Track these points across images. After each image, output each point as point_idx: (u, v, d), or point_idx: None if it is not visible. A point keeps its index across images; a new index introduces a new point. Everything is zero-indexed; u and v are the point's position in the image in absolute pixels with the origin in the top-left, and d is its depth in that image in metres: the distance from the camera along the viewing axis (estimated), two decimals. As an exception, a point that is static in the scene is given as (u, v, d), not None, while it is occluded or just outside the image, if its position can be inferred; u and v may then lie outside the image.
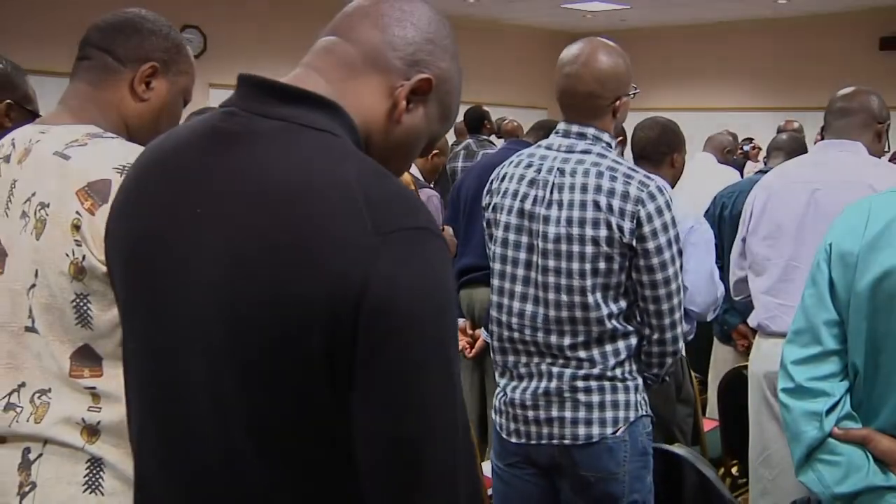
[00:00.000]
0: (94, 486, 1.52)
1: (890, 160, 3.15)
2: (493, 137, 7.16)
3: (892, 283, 1.63)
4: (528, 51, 13.44)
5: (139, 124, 1.65)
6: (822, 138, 3.17)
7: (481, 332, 3.60)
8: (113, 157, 1.53)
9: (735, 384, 3.42)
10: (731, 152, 5.83)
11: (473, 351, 3.61)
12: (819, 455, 1.71)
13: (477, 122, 6.90)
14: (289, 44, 10.53)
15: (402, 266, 0.95)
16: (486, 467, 2.92)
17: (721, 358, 4.19)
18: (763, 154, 6.43)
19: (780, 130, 6.35)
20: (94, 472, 1.52)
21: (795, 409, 1.75)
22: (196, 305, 1.03)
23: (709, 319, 3.23)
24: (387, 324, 0.94)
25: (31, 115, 2.26)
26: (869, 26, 11.09)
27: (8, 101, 2.17)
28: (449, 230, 3.45)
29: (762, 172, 4.21)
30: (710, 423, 3.84)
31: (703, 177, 4.85)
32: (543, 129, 4.07)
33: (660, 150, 3.06)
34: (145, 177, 1.14)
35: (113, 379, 1.54)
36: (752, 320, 3.04)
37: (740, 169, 5.89)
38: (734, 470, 3.54)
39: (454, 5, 11.07)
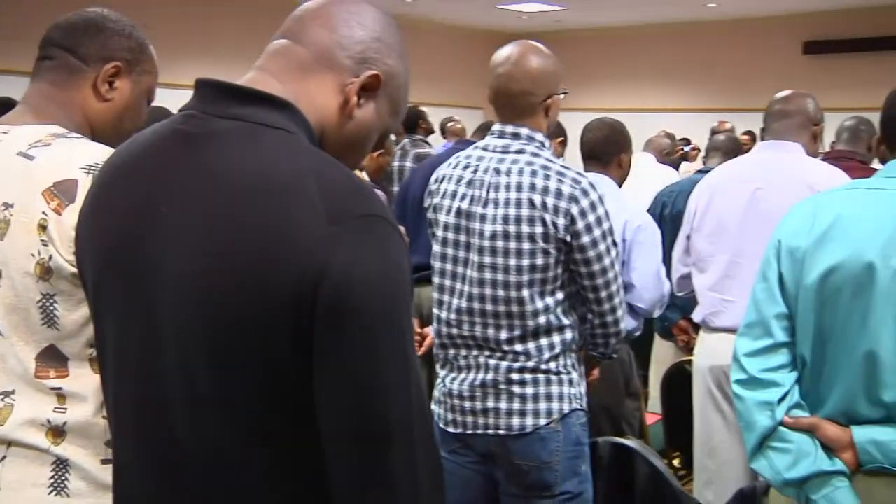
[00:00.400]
0: (59, 488, 1.51)
1: (823, 159, 3.24)
2: (429, 137, 7.22)
3: (837, 277, 1.71)
4: (465, 51, 13.49)
5: (103, 124, 1.64)
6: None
7: (430, 330, 3.62)
8: (79, 157, 1.52)
9: (677, 379, 3.52)
10: (670, 153, 5.96)
11: (422, 349, 3.62)
12: (770, 443, 1.78)
13: (412, 122, 6.95)
14: (229, 42, 10.51)
15: (357, 253, 1.00)
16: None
17: (662, 353, 4.27)
18: (702, 154, 6.60)
19: (713, 131, 6.51)
20: (60, 473, 1.51)
21: (748, 399, 1.81)
22: (167, 299, 1.07)
23: (655, 316, 3.31)
24: (345, 308, 0.99)
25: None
26: (793, 31, 11.42)
27: None
28: (401, 229, 3.46)
29: (701, 172, 4.32)
30: (652, 417, 3.93)
31: (644, 177, 4.94)
32: (489, 129, 4.14)
33: (608, 151, 3.12)
34: (113, 180, 1.18)
35: (79, 379, 1.53)
36: (697, 316, 3.11)
37: (677, 169, 6.02)
38: (676, 462, 3.63)
39: (391, 5, 11.04)
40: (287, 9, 1.25)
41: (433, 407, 2.34)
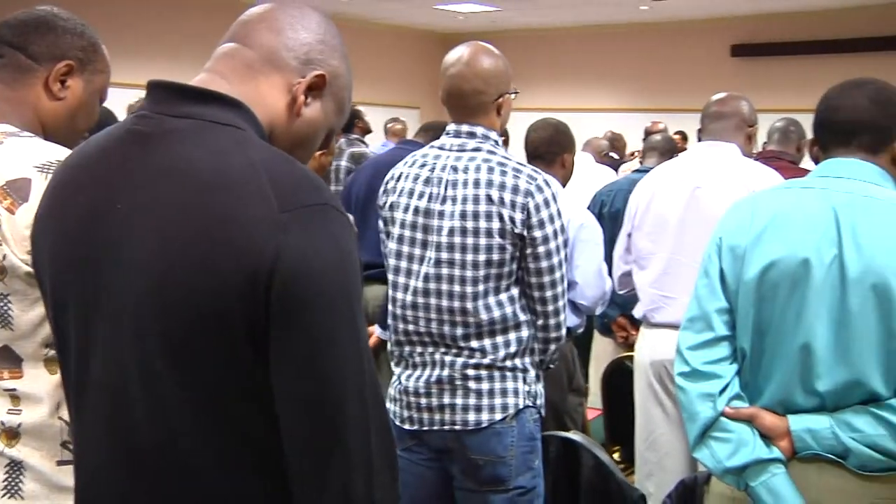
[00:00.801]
0: (12, 491, 1.50)
1: (756, 159, 3.33)
2: (365, 137, 7.22)
3: (775, 273, 1.78)
4: (402, 50, 13.50)
5: (55, 123, 1.63)
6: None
7: (375, 329, 3.63)
8: (33, 156, 1.51)
9: (617, 375, 3.59)
10: (608, 154, 6.06)
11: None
12: (712, 433, 1.84)
13: (349, 122, 6.96)
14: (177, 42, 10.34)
15: (308, 240, 1.04)
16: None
17: (601, 350, 4.34)
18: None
19: (647, 132, 6.63)
20: (14, 475, 1.50)
21: (691, 391, 1.86)
22: (126, 292, 1.10)
23: (598, 313, 3.36)
24: (297, 294, 1.03)
25: None
26: (721, 34, 11.61)
27: None
28: (350, 218, 3.43)
29: (639, 172, 4.39)
30: (592, 412, 4.00)
31: (582, 176, 5.01)
32: (433, 130, 4.14)
33: (552, 151, 3.17)
34: (69, 180, 1.21)
35: (34, 380, 1.52)
36: (637, 312, 3.16)
37: (615, 169, 6.11)
38: (616, 456, 3.69)
39: (327, 4, 10.99)
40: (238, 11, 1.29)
41: (388, 405, 2.35)
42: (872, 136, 1.85)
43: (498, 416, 2.21)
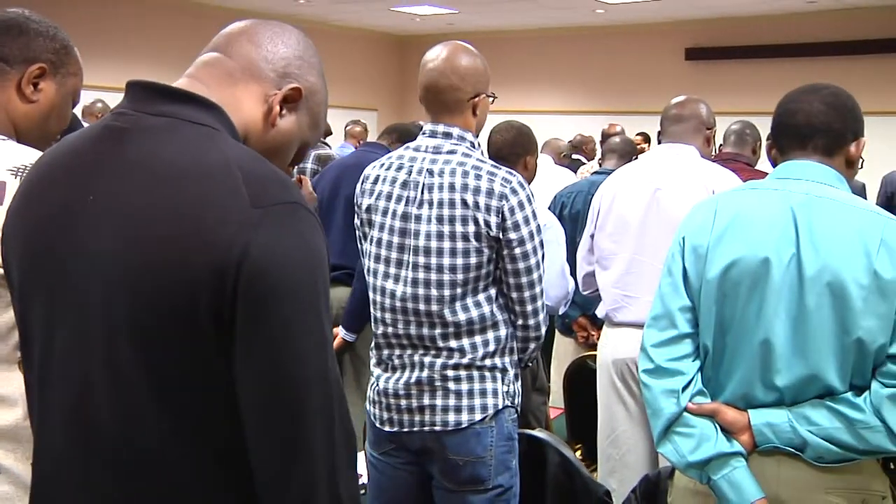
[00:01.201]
0: None
1: (714, 161, 3.39)
2: (328, 139, 7.22)
3: (736, 271, 1.83)
4: (359, 52, 13.47)
5: (28, 126, 1.64)
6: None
7: (339, 331, 3.63)
8: (6, 159, 1.52)
9: (579, 374, 3.60)
10: (567, 156, 6.11)
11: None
12: (675, 428, 1.87)
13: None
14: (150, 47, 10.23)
15: (277, 236, 1.06)
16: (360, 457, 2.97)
17: (562, 350, 4.37)
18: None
19: (604, 134, 6.67)
20: None
21: (655, 387, 1.90)
22: (93, 282, 1.11)
23: (560, 313, 3.39)
24: (264, 287, 1.05)
25: None
26: (676, 38, 11.75)
27: None
28: (317, 218, 3.41)
29: (598, 174, 4.46)
30: (554, 411, 4.04)
31: (543, 178, 5.04)
32: (397, 132, 4.16)
33: (515, 153, 3.18)
34: (42, 177, 1.22)
35: (8, 383, 1.51)
36: (600, 311, 3.19)
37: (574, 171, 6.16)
38: (578, 454, 3.72)
39: (283, 5, 10.96)
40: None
41: (368, 407, 2.35)
42: (828, 139, 1.89)
43: (478, 417, 2.21)
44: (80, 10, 9.32)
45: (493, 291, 2.24)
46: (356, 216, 2.39)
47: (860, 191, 4.13)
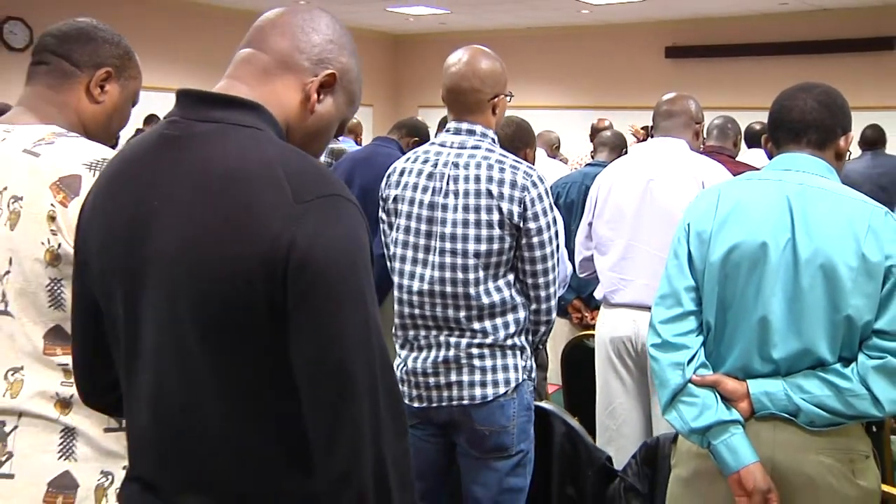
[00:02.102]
0: (67, 454, 1.56)
1: (701, 153, 3.44)
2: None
3: (737, 254, 1.88)
4: (361, 52, 13.37)
5: (94, 124, 1.69)
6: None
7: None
8: (81, 155, 1.57)
9: (576, 352, 3.64)
10: (558, 148, 6.15)
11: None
12: (680, 398, 1.92)
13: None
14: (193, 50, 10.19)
15: (320, 227, 1.09)
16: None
17: (558, 330, 4.36)
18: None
19: (594, 129, 6.65)
20: (68, 440, 1.56)
21: (663, 360, 1.94)
22: (164, 278, 1.16)
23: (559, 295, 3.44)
24: (311, 274, 1.08)
25: None
26: (656, 37, 11.67)
27: None
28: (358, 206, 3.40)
29: (591, 165, 4.49)
30: (552, 387, 4.09)
31: (538, 169, 5.07)
32: (406, 127, 4.21)
33: (515, 146, 3.20)
34: (111, 182, 1.27)
35: None
36: (598, 293, 3.24)
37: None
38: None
39: (281, 5, 10.87)
40: (248, 20, 1.34)
41: None
42: (819, 134, 1.94)
43: (501, 390, 2.26)
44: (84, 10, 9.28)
45: (511, 277, 2.27)
46: (381, 209, 2.41)
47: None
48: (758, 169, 2.77)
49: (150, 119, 7.94)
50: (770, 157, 2.04)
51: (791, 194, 1.88)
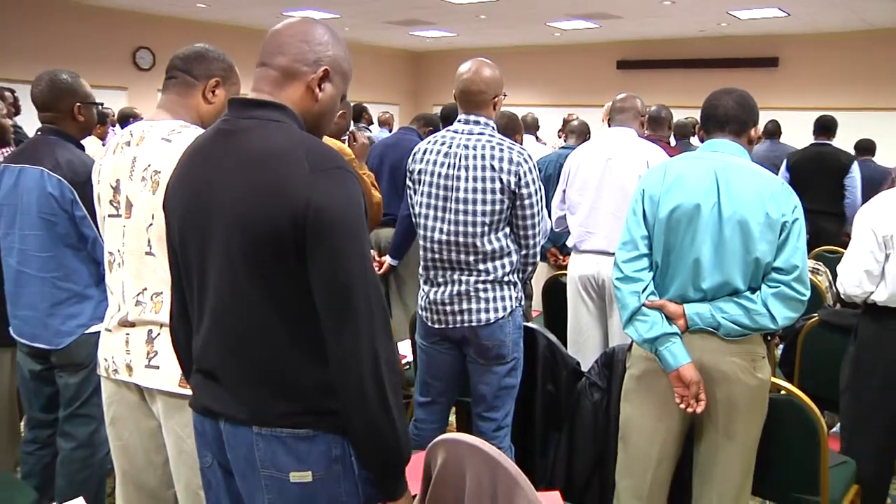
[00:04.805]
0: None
1: (646, 138, 3.38)
2: (370, 127, 7.17)
3: (678, 212, 1.85)
4: (387, 64, 13.28)
5: (208, 118, 1.69)
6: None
7: (387, 258, 3.66)
8: None
9: (554, 287, 3.62)
10: (538, 127, 6.01)
11: (381, 270, 3.67)
12: (636, 317, 1.91)
13: (358, 114, 6.94)
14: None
15: (329, 190, 1.12)
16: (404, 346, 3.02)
17: (540, 270, 4.35)
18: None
19: (565, 121, 6.57)
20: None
21: (624, 289, 1.93)
22: (220, 230, 1.18)
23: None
24: (323, 223, 1.11)
25: (94, 106, 2.15)
26: (610, 53, 11.57)
27: (77, 103, 2.12)
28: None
29: (564, 148, 4.42)
30: (535, 312, 4.08)
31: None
32: (423, 119, 4.14)
33: (509, 132, 3.20)
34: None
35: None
36: (570, 242, 3.20)
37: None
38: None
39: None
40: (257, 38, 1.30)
41: (420, 312, 2.36)
42: (737, 126, 1.92)
43: (500, 315, 2.24)
44: (196, 38, 9.16)
45: (507, 230, 2.25)
46: (408, 178, 2.38)
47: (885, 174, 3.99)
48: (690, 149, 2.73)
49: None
50: (701, 142, 2.00)
51: (717, 168, 1.85)
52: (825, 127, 5.13)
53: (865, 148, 5.62)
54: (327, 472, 1.18)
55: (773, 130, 6.07)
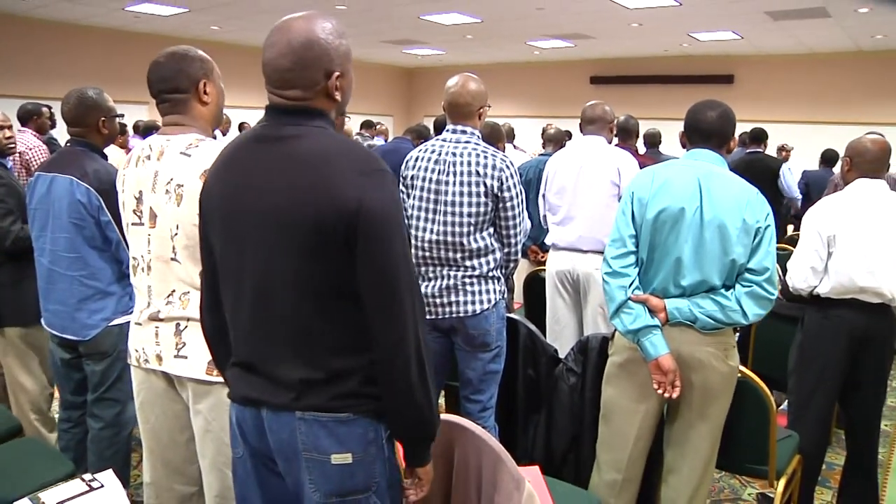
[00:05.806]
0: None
1: (617, 145, 3.35)
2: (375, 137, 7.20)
3: (664, 215, 1.81)
4: (383, 79, 13.23)
5: (212, 116, 1.64)
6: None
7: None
8: (215, 155, 1.51)
9: (534, 281, 3.57)
10: (514, 136, 5.94)
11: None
12: (622, 309, 1.87)
13: (366, 126, 7.02)
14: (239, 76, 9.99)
15: (376, 191, 1.09)
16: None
17: (521, 266, 4.28)
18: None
19: (544, 130, 6.49)
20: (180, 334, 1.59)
21: (612, 284, 1.88)
22: (254, 230, 1.13)
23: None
24: (370, 221, 1.08)
25: (116, 119, 2.13)
26: (584, 70, 11.60)
27: (102, 118, 2.10)
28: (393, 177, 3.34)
29: (543, 155, 4.38)
30: (517, 304, 4.05)
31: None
32: (415, 131, 4.12)
33: (490, 142, 3.10)
34: (224, 166, 1.21)
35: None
36: (548, 240, 3.16)
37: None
38: (531, 330, 3.73)
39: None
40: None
41: None
42: (718, 137, 1.89)
43: (486, 306, 2.21)
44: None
45: (491, 230, 2.21)
46: (401, 184, 2.33)
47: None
48: (659, 160, 2.71)
49: (242, 126, 7.80)
50: (684, 148, 1.97)
51: (700, 176, 1.82)
52: (756, 137, 5.30)
53: (830, 158, 5.64)
54: (364, 453, 1.17)
55: (745, 141, 5.97)
